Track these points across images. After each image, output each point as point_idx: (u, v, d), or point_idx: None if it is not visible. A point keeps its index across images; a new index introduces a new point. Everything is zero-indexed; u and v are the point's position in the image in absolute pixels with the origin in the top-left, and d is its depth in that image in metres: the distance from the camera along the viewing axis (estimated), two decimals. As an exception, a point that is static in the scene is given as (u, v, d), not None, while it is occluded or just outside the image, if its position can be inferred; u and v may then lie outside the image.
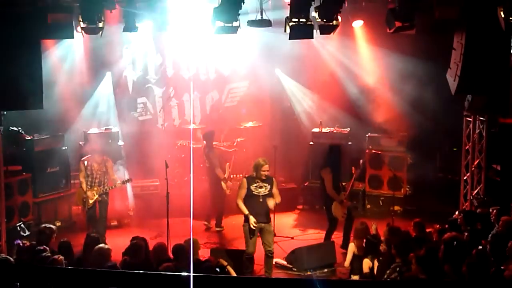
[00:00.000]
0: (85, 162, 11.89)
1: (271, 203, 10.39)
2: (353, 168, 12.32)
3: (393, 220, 11.85)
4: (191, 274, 5.44)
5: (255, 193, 10.38)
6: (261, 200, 10.38)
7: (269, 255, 10.54)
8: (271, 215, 10.87)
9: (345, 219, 11.87)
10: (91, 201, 11.84)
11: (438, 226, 10.00)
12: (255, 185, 10.41)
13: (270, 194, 10.45)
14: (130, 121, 15.06)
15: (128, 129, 14.73)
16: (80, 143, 13.79)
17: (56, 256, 8.07)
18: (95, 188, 11.85)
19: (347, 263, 10.57)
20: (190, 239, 8.92)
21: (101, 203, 11.98)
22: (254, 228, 10.29)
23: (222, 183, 13.14)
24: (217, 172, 13.17)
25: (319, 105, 15.29)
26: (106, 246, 8.55)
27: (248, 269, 10.52)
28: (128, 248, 8.94)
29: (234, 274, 8.94)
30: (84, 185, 11.86)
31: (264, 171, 10.37)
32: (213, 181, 13.31)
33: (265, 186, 10.44)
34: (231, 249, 11.58)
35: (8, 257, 7.98)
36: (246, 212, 10.32)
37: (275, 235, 12.23)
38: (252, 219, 10.26)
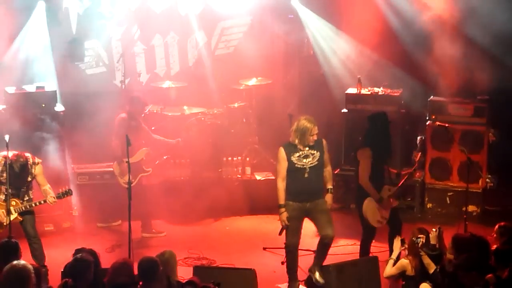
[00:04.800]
0: None
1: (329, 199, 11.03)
2: (415, 153, 12.25)
3: (467, 226, 11.76)
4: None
5: (299, 165, 10.77)
6: (307, 175, 10.79)
7: (325, 242, 10.93)
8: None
9: (388, 224, 11.81)
10: (4, 223, 11.06)
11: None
12: (298, 154, 10.74)
13: (321, 164, 10.87)
14: (73, 75, 15.08)
15: (70, 87, 14.75)
16: (-1, 108, 13.83)
17: None
18: (14, 203, 11.13)
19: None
20: (166, 252, 9.15)
21: (24, 222, 11.35)
22: (286, 223, 10.81)
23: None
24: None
25: (358, 54, 15.28)
26: (23, 263, 8.23)
27: (292, 266, 10.97)
28: (70, 265, 8.85)
29: None
30: None
31: (312, 135, 10.71)
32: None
33: (313, 154, 10.81)
34: (222, 266, 11.70)
35: None
36: (282, 202, 10.86)
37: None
38: (284, 216, 10.77)
